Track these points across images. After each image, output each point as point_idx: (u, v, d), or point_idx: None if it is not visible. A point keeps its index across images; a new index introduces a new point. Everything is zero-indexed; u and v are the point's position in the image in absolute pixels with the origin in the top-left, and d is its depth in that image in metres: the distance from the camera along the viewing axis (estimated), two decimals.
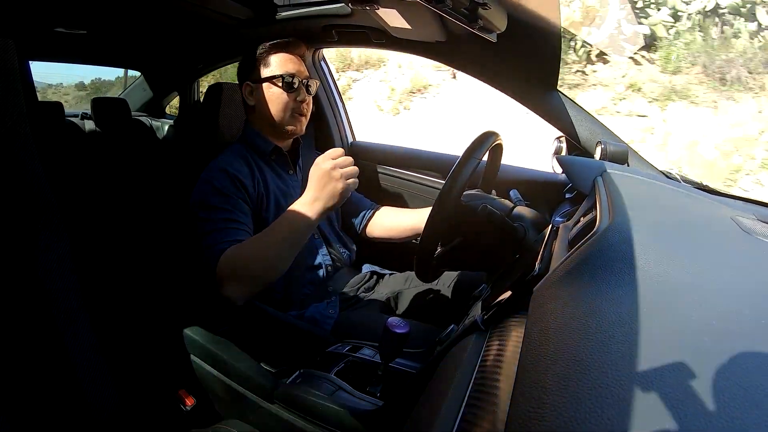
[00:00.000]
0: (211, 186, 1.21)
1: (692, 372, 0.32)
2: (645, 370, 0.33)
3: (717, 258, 0.52)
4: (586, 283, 0.47)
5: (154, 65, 2.94)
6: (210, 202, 1.18)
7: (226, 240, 1.12)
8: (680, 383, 0.31)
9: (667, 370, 0.32)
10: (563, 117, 1.36)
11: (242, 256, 1.07)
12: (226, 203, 1.18)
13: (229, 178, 1.22)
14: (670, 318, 0.39)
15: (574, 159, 1.13)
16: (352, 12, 1.49)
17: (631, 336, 0.36)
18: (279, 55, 1.33)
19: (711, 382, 0.31)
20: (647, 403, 0.30)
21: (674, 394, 0.30)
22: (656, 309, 0.40)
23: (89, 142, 2.67)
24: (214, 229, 1.14)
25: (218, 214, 1.16)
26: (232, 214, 1.17)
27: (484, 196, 1.13)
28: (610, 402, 0.30)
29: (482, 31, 1.11)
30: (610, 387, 0.32)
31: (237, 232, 1.15)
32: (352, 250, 1.55)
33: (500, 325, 0.62)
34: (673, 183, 0.99)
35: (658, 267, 0.46)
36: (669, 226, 0.57)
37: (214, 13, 1.67)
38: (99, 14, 1.79)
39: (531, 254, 0.82)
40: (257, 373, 1.03)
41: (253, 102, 1.35)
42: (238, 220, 1.17)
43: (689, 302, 0.41)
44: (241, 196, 1.22)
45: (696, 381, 0.31)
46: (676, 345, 0.35)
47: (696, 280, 0.45)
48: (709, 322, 0.38)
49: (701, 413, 0.29)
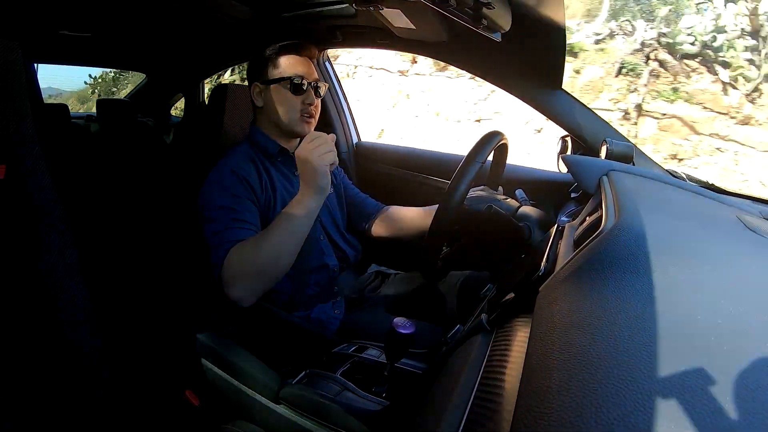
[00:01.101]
0: (220, 186, 1.21)
1: (698, 371, 0.32)
2: (650, 370, 0.32)
3: (723, 257, 0.52)
4: (591, 283, 0.47)
5: (158, 67, 2.95)
6: (217, 203, 1.18)
7: (232, 240, 1.12)
8: (686, 382, 0.31)
9: (674, 370, 0.32)
10: (568, 116, 1.36)
11: (246, 254, 1.07)
12: (233, 203, 1.18)
13: (237, 179, 1.22)
14: (676, 317, 0.38)
15: (579, 158, 1.13)
16: (356, 12, 1.49)
17: (637, 335, 0.36)
18: (288, 57, 1.33)
19: (717, 381, 0.31)
20: (653, 402, 0.30)
21: (680, 393, 0.30)
22: (662, 308, 0.40)
23: (94, 144, 2.68)
24: (221, 229, 1.14)
25: (226, 214, 1.16)
26: (239, 214, 1.17)
27: (491, 194, 1.13)
28: (616, 401, 0.30)
29: (486, 31, 1.11)
30: (616, 386, 0.31)
31: (243, 231, 1.15)
32: (358, 250, 1.54)
33: (506, 325, 0.62)
34: (678, 182, 0.98)
35: (663, 266, 0.46)
36: (675, 226, 0.57)
37: (219, 15, 1.68)
38: (103, 17, 1.79)
39: (536, 254, 0.82)
40: (263, 373, 1.03)
41: (261, 103, 1.35)
42: (246, 220, 1.17)
43: (695, 301, 0.41)
44: (249, 196, 1.22)
45: (702, 380, 0.31)
46: (681, 344, 0.35)
47: (702, 279, 0.45)
48: (715, 321, 0.38)
49: (706, 411, 0.29)
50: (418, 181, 1.89)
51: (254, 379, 1.03)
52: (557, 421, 0.31)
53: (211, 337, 1.15)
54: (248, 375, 1.04)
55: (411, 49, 1.60)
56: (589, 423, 0.29)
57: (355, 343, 1.15)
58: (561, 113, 1.37)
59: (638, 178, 0.89)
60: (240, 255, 1.08)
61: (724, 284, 0.45)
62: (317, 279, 1.36)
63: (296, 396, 0.96)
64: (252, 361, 1.07)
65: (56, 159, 1.03)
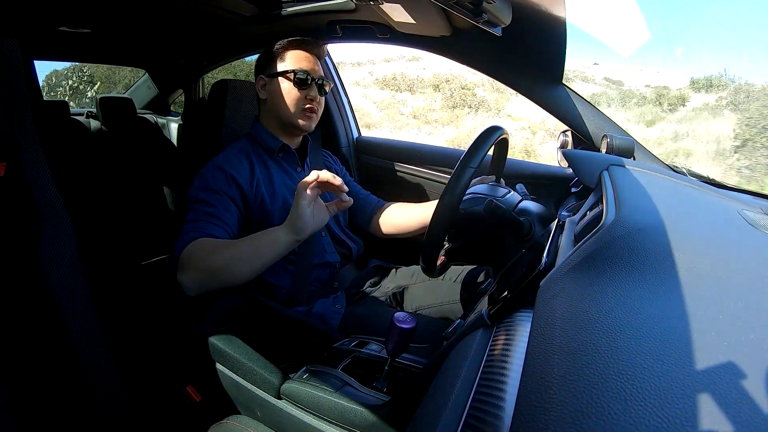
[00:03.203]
0: (204, 181, 1.23)
1: (698, 366, 0.32)
2: (651, 363, 0.33)
3: (724, 252, 0.52)
4: (592, 278, 0.47)
5: (158, 63, 2.94)
6: (198, 196, 1.20)
7: (200, 230, 1.13)
8: (688, 377, 0.31)
9: (673, 364, 0.32)
10: (569, 111, 1.36)
11: (206, 250, 1.07)
12: (212, 199, 1.20)
13: (223, 175, 1.24)
14: (677, 312, 0.38)
15: (580, 153, 1.13)
16: (356, 7, 1.48)
17: (638, 329, 0.36)
18: (295, 52, 1.34)
19: (717, 377, 0.31)
20: (653, 395, 0.30)
21: (680, 387, 0.30)
22: (663, 303, 0.40)
23: (95, 141, 2.68)
24: (193, 218, 1.16)
25: (202, 207, 1.18)
26: (215, 209, 1.18)
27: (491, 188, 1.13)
28: (617, 395, 0.30)
29: (487, 25, 1.10)
30: (617, 380, 0.32)
31: (213, 227, 1.15)
32: (360, 246, 1.55)
33: (506, 320, 0.62)
34: (679, 177, 0.98)
35: (664, 261, 0.46)
36: (675, 220, 0.57)
37: (219, 10, 1.67)
38: (103, 13, 1.79)
39: (537, 249, 0.82)
40: (264, 368, 1.03)
41: (265, 96, 1.36)
42: (219, 218, 1.18)
43: (696, 296, 0.41)
44: (232, 195, 1.23)
45: (701, 374, 0.31)
46: (682, 339, 0.35)
47: (703, 274, 0.45)
48: (715, 316, 0.38)
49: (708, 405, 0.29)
50: (418, 176, 1.89)
51: (255, 375, 1.03)
52: (558, 415, 0.31)
53: (212, 334, 1.15)
54: (249, 371, 1.04)
55: (411, 44, 1.59)
56: (591, 416, 0.30)
57: (356, 338, 1.15)
58: (562, 108, 1.37)
59: (639, 173, 0.89)
60: (201, 248, 1.08)
61: (725, 279, 0.45)
62: (318, 275, 1.37)
63: (297, 391, 0.97)
64: (253, 356, 1.07)
65: (56, 156, 1.03)
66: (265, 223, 1.27)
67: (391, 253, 1.77)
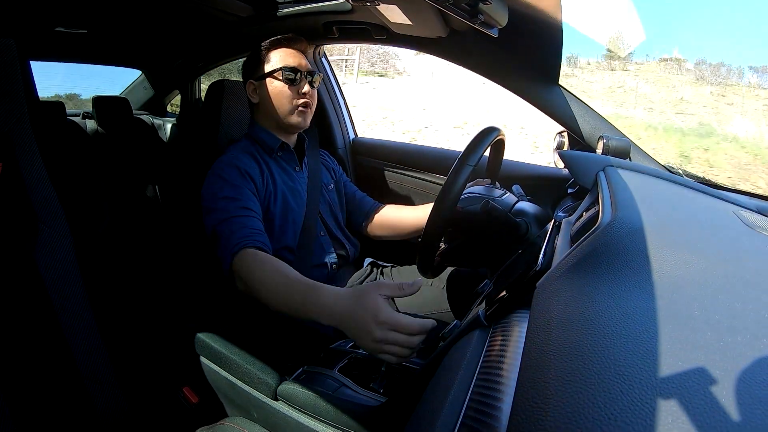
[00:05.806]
0: (222, 179, 1.22)
1: (695, 367, 0.32)
2: (647, 365, 0.33)
3: (720, 252, 0.52)
4: (588, 278, 0.47)
5: (154, 63, 2.94)
6: (222, 194, 1.19)
7: (244, 230, 1.12)
8: (684, 378, 0.31)
9: (671, 365, 0.32)
10: (565, 112, 1.36)
11: (255, 270, 1.03)
12: (236, 194, 1.19)
13: (238, 171, 1.24)
14: (673, 313, 0.38)
15: (576, 154, 1.13)
16: (352, 8, 1.49)
17: (634, 331, 0.36)
18: (279, 50, 1.34)
19: (714, 377, 0.31)
20: (649, 397, 0.30)
21: (677, 389, 0.30)
22: (659, 303, 0.40)
23: (91, 141, 2.68)
24: (227, 217, 1.15)
25: (230, 203, 1.17)
26: (243, 202, 1.18)
27: (488, 190, 1.13)
28: (613, 396, 0.30)
29: (483, 26, 1.11)
30: (613, 381, 0.32)
31: (249, 219, 1.15)
32: (357, 247, 1.55)
33: (503, 321, 0.62)
34: (675, 177, 0.99)
35: (660, 262, 0.46)
36: (671, 221, 0.57)
37: (215, 11, 1.68)
38: (99, 13, 1.79)
39: (533, 249, 0.82)
40: (260, 370, 1.03)
41: (256, 99, 1.36)
42: (250, 208, 1.18)
43: (692, 296, 0.41)
44: (251, 187, 1.24)
45: (699, 376, 0.31)
46: (678, 340, 0.35)
47: (699, 275, 0.45)
48: (712, 316, 0.38)
49: (703, 407, 0.29)
50: (414, 178, 1.89)
51: (252, 376, 1.03)
52: (555, 415, 0.31)
53: (209, 335, 1.15)
54: (246, 372, 1.04)
55: (407, 45, 1.59)
56: (587, 417, 0.30)
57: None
58: (558, 109, 1.37)
59: (635, 174, 0.89)
60: (252, 264, 1.05)
61: (721, 280, 0.45)
62: (317, 275, 1.37)
63: (294, 392, 0.96)
64: (250, 358, 1.07)
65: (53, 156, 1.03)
66: (267, 222, 1.27)
67: (388, 254, 1.77)
